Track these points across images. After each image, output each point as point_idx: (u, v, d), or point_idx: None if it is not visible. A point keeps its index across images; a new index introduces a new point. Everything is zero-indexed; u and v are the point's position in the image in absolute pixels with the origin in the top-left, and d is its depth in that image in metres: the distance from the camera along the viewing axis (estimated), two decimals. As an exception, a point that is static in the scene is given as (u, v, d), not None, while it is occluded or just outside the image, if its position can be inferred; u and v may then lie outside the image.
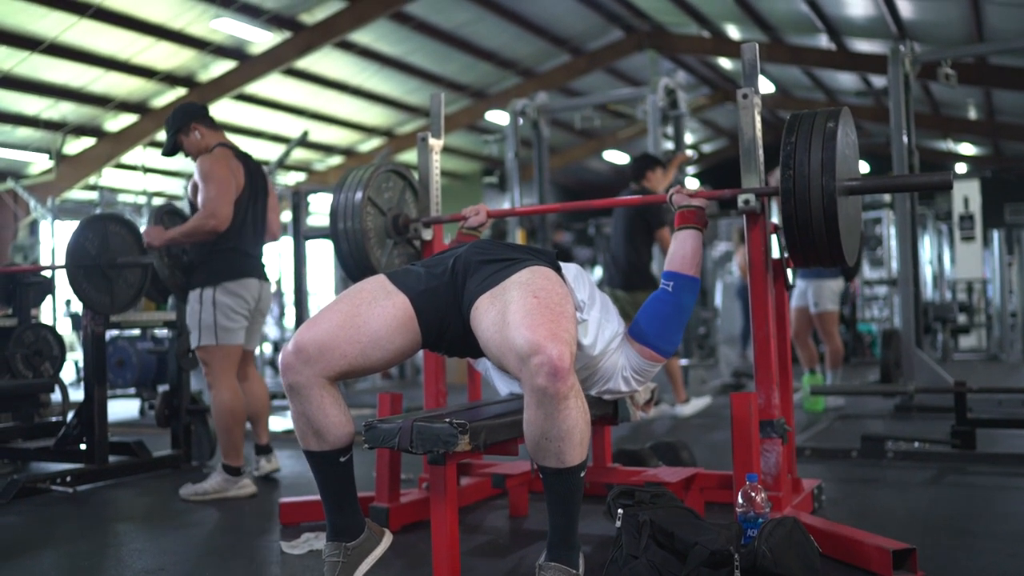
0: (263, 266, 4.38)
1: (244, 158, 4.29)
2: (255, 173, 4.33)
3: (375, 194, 3.44)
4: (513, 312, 2.34)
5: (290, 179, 18.09)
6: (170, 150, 4.32)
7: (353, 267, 3.43)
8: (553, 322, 2.29)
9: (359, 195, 3.37)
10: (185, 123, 4.25)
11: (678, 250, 2.85)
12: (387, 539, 2.59)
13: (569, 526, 2.39)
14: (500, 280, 2.49)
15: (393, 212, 3.53)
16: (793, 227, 2.69)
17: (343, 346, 2.42)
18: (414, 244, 3.63)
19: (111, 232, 4.67)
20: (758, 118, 2.93)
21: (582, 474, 2.36)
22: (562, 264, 2.79)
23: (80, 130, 14.42)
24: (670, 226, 5.73)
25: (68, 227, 11.75)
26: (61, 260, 4.52)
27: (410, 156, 18.43)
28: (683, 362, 7.43)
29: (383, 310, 2.50)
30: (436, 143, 3.66)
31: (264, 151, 16.77)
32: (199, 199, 4.11)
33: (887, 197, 11.22)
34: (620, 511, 2.57)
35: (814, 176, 2.62)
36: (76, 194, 15.78)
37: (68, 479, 4.29)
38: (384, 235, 3.51)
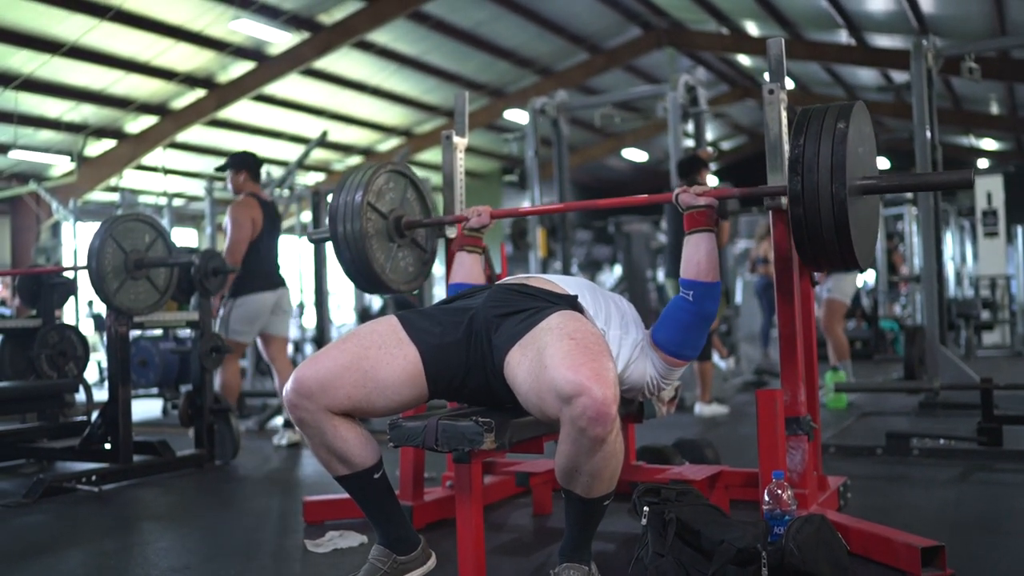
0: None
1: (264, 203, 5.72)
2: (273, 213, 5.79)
3: (375, 198, 3.29)
4: (550, 355, 2.24)
5: (309, 179, 18.16)
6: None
7: (356, 275, 3.32)
8: (595, 361, 2.20)
9: (358, 197, 3.22)
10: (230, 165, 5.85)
11: (692, 256, 2.68)
12: (431, 562, 2.61)
13: (583, 539, 2.41)
14: (528, 329, 2.40)
15: (395, 214, 3.38)
16: (803, 233, 2.58)
17: (347, 388, 2.39)
18: (419, 243, 3.52)
19: (135, 232, 4.69)
20: (784, 114, 2.90)
21: (606, 503, 2.36)
22: (568, 278, 2.76)
23: (101, 132, 14.52)
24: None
25: (90, 228, 11.82)
26: (83, 261, 4.56)
27: (429, 156, 18.45)
28: (722, 364, 7.47)
29: (392, 359, 2.45)
30: (460, 142, 3.65)
31: (283, 151, 16.85)
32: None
33: (909, 194, 11.17)
34: (646, 509, 2.55)
35: (823, 182, 2.49)
36: (97, 196, 15.89)
37: (93, 478, 4.32)
38: (387, 238, 3.36)
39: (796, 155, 2.55)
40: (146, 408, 7.74)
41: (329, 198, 8.94)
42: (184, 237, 18.49)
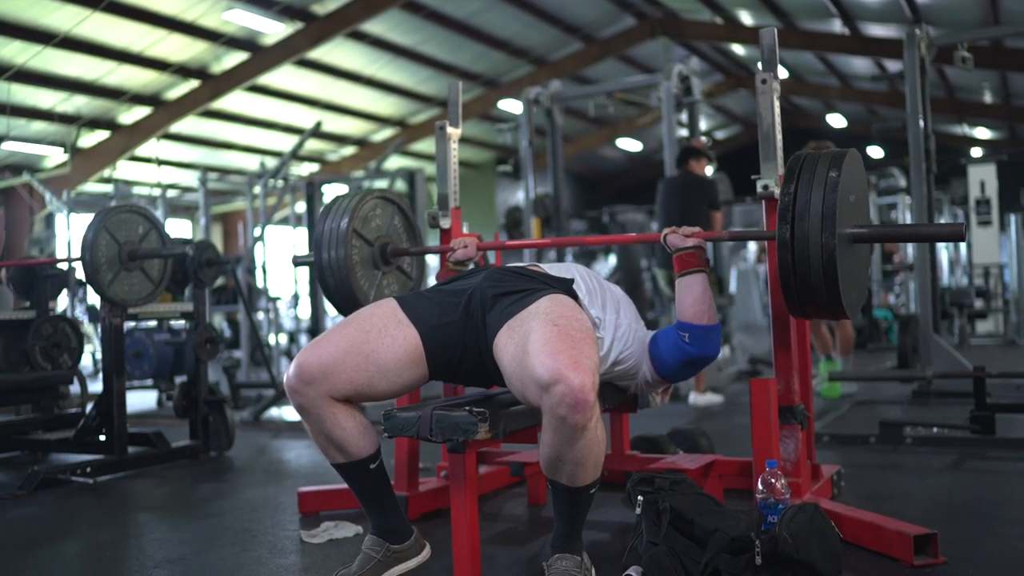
0: None
1: None
2: None
3: (361, 225, 3.27)
4: (533, 341, 2.25)
5: (304, 170, 18.14)
6: None
7: (340, 302, 3.28)
8: (575, 349, 2.21)
9: (344, 224, 3.19)
10: None
11: (686, 298, 2.69)
12: (426, 552, 2.62)
13: (573, 529, 2.41)
14: (517, 311, 2.42)
15: (381, 241, 3.35)
16: (791, 282, 2.53)
17: (349, 372, 2.39)
18: (404, 270, 3.50)
19: (129, 223, 4.69)
20: (777, 104, 2.90)
21: (593, 491, 2.36)
22: (564, 265, 2.76)
23: (94, 123, 14.47)
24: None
25: (83, 220, 11.78)
26: (77, 253, 4.56)
27: (423, 146, 18.42)
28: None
29: (393, 341, 2.46)
30: (454, 132, 3.63)
31: (277, 142, 16.83)
32: None
33: (903, 182, 11.19)
34: (640, 498, 2.57)
35: (813, 232, 2.45)
36: (91, 187, 15.85)
37: (88, 470, 4.31)
38: (371, 266, 3.34)
39: (787, 203, 2.50)
40: (140, 400, 7.73)
41: (323, 188, 8.96)
42: (178, 228, 18.47)
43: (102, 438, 4.63)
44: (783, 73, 17.30)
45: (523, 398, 2.31)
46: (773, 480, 2.56)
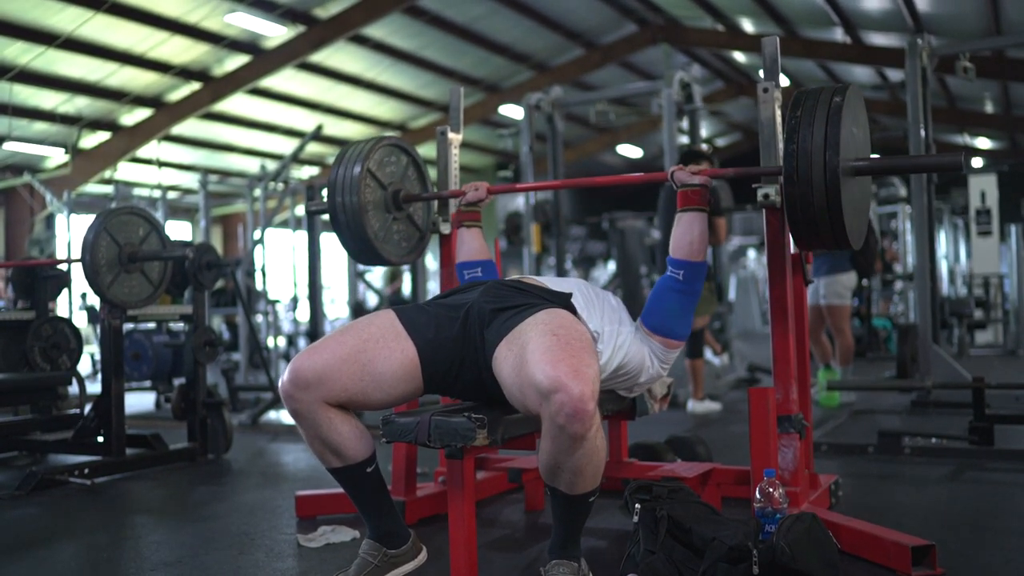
0: None
1: None
2: None
3: (376, 167, 3.33)
4: (532, 351, 2.25)
5: (304, 173, 18.15)
6: None
7: (350, 239, 3.33)
8: (574, 358, 2.20)
9: (357, 168, 3.24)
10: None
11: (684, 235, 2.75)
12: (422, 556, 2.61)
13: (571, 536, 2.41)
14: (516, 324, 2.42)
15: (394, 187, 3.40)
16: (795, 205, 2.59)
17: (344, 379, 2.39)
18: (415, 221, 3.54)
19: (129, 225, 4.69)
20: (779, 112, 2.91)
21: (592, 499, 2.36)
22: (561, 279, 2.77)
23: (96, 124, 14.49)
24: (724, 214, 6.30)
25: (84, 221, 11.79)
26: (77, 254, 4.57)
27: (423, 150, 18.30)
28: (715, 361, 7.47)
29: (390, 353, 2.46)
30: (455, 137, 3.64)
31: (278, 145, 16.83)
32: None
33: (903, 191, 11.19)
34: (637, 506, 2.56)
35: (816, 152, 2.52)
36: (92, 188, 15.86)
37: (86, 471, 4.31)
38: (383, 209, 3.38)
39: (792, 127, 2.58)
40: (139, 401, 7.73)
41: (323, 192, 8.95)
42: (178, 230, 18.48)
43: (100, 439, 4.63)
44: (784, 81, 17.29)
45: (523, 407, 2.31)
46: (771, 489, 2.56)
